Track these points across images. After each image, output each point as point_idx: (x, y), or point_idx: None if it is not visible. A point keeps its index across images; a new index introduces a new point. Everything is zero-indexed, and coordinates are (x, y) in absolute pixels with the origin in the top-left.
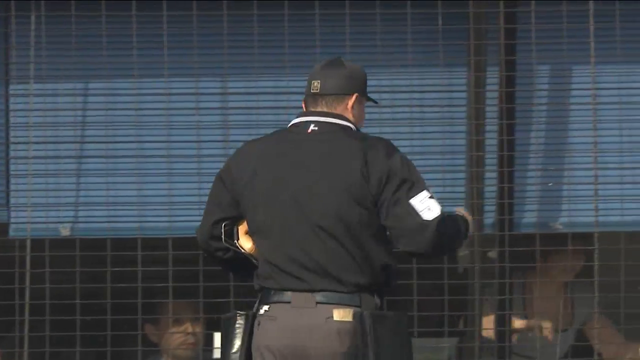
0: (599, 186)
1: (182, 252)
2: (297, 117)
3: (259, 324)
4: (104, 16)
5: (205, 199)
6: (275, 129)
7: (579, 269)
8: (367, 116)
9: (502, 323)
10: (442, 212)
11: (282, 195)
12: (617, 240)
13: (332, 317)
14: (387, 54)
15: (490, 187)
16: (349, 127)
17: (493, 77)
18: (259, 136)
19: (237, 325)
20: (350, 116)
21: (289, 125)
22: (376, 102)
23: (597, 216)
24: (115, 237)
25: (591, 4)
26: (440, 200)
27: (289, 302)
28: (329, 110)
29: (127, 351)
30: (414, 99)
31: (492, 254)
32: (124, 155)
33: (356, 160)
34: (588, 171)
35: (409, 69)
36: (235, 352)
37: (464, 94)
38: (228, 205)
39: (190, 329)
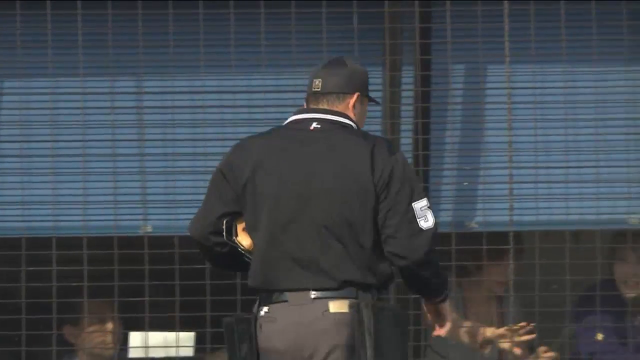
0: (514, 185)
1: (97, 252)
2: (296, 114)
3: (260, 327)
4: (18, 15)
5: (120, 197)
6: (190, 129)
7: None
8: (282, 115)
9: (418, 322)
10: (437, 226)
11: (285, 192)
12: (531, 239)
13: (329, 309)
14: (303, 53)
15: None
16: (350, 125)
17: (408, 77)
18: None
19: (240, 330)
20: (351, 115)
21: (287, 121)
22: (378, 103)
23: (512, 215)
24: (30, 236)
25: (506, 4)
26: None
27: (286, 301)
28: (330, 108)
29: (41, 351)
30: None
31: None
32: (39, 154)
33: (363, 160)
34: (503, 170)
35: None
36: (243, 358)
37: (379, 93)
38: (231, 200)
39: (105, 328)
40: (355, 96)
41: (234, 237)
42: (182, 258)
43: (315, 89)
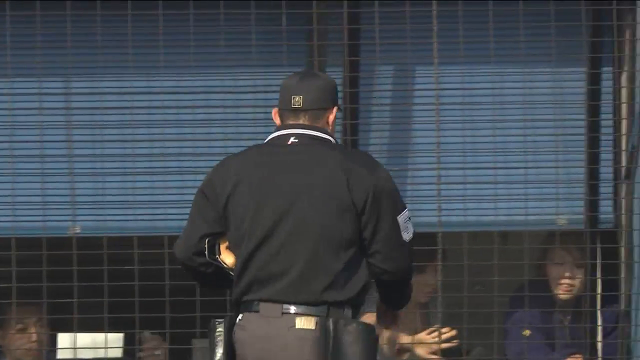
0: (442, 186)
1: (26, 252)
2: (276, 131)
3: (234, 334)
4: None
5: (49, 198)
6: (118, 130)
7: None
8: (207, 116)
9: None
10: (413, 236)
11: (263, 205)
12: (459, 240)
13: (295, 325)
14: (231, 53)
15: None
16: (329, 140)
17: (337, 78)
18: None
19: (216, 334)
20: (329, 128)
21: (268, 138)
22: (340, 110)
23: (440, 216)
24: None
25: (434, 5)
26: None
27: (257, 312)
28: (310, 124)
29: None
30: (259, 99)
31: None
32: None
33: (339, 173)
34: (431, 171)
35: (252, 69)
36: None
37: None
38: (213, 220)
39: (32, 330)
40: (334, 110)
41: (217, 256)
42: (110, 259)
43: (296, 106)
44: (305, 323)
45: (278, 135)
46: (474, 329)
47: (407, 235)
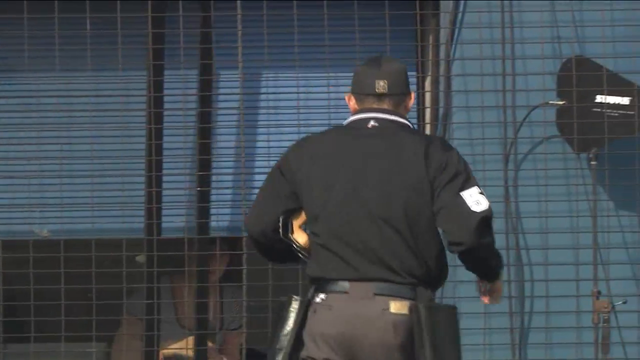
0: (247, 191)
1: None
2: (355, 114)
3: (314, 312)
4: None
5: None
6: None
7: (222, 272)
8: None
9: (151, 328)
10: (490, 209)
11: (342, 184)
12: None
13: (389, 309)
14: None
15: (139, 192)
16: (407, 125)
17: (140, 82)
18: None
19: (290, 309)
20: (405, 113)
21: (347, 121)
22: None
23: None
24: None
25: (239, 5)
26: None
27: (346, 292)
28: (393, 109)
29: None
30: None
31: (141, 257)
32: None
33: (418, 154)
34: (237, 176)
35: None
36: (285, 335)
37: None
38: (287, 197)
39: None
40: (413, 95)
41: (290, 234)
42: None
43: (381, 91)
44: (399, 307)
45: (357, 119)
46: None
47: (477, 207)
